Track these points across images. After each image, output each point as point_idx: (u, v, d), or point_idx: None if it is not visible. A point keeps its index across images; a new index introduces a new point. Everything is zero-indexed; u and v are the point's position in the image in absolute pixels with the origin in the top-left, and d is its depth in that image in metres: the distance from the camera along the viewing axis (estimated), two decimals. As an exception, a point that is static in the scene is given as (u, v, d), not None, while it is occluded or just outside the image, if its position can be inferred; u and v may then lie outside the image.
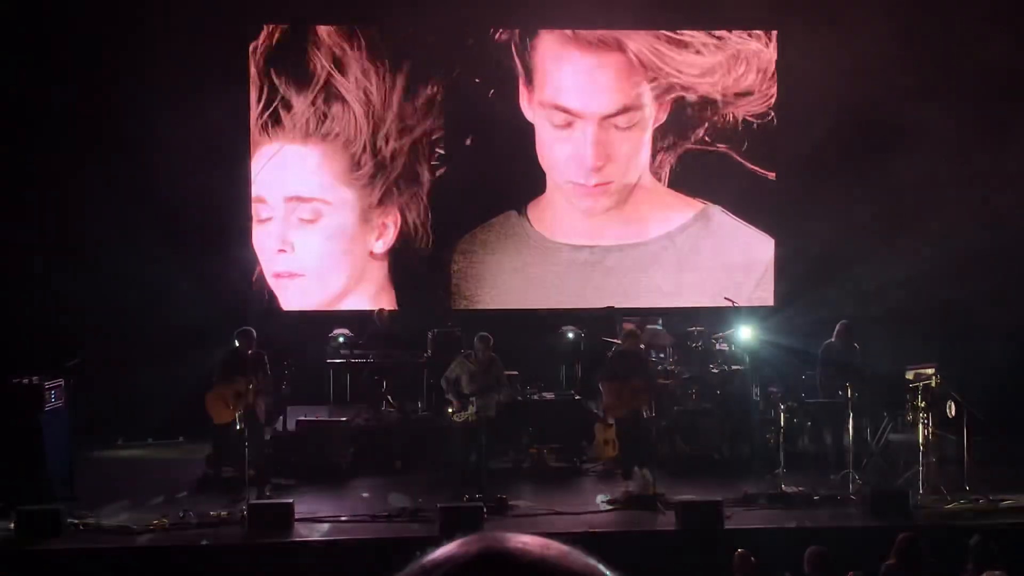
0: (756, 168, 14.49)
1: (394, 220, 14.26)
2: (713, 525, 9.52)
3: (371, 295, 14.27)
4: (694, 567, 8.72)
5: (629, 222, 14.61)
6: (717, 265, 14.71)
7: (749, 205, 14.63)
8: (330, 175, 14.10)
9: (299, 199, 14.09)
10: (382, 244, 14.31)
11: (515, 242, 14.52)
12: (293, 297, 14.19)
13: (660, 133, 14.50)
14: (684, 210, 14.67)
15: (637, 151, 14.49)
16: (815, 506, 10.20)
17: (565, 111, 14.30)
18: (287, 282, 14.16)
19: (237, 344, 10.89)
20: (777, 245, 14.64)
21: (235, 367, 10.69)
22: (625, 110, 14.35)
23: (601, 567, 1.09)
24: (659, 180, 14.60)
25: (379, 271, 14.36)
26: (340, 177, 14.11)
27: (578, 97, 14.34)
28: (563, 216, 14.54)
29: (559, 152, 14.39)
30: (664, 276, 14.67)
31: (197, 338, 12.56)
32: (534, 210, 14.51)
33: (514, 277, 14.55)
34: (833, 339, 11.68)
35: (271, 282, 14.12)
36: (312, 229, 14.14)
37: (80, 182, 13.26)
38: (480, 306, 14.42)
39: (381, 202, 14.21)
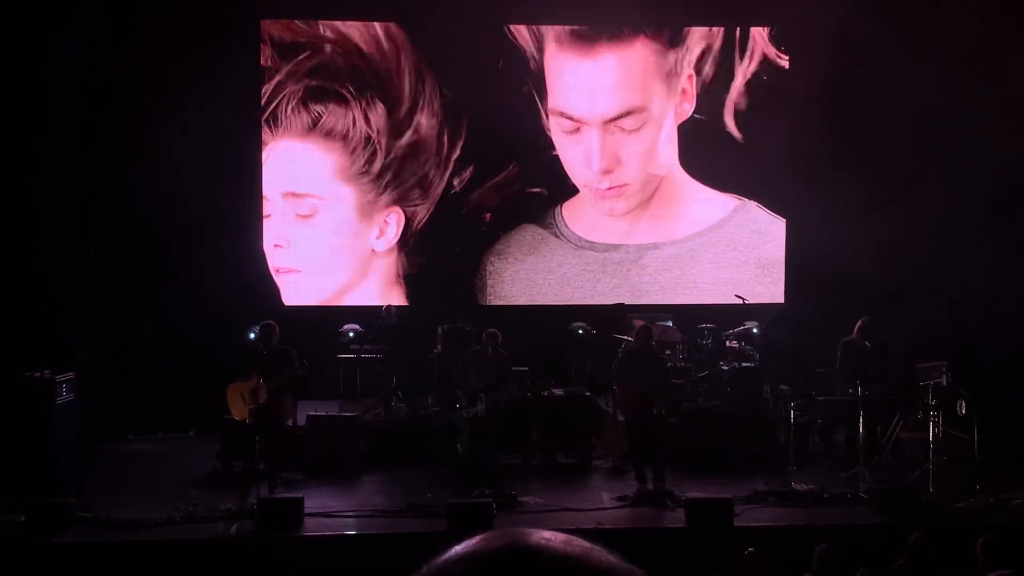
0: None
1: (397, 218, 14.25)
2: (723, 522, 9.52)
3: (378, 291, 14.28)
4: (703, 564, 8.71)
5: (661, 219, 14.63)
6: (752, 261, 14.73)
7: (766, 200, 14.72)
8: (328, 171, 14.10)
9: (294, 195, 14.12)
10: (383, 242, 14.29)
11: (550, 242, 14.56)
12: (292, 293, 14.20)
13: (689, 126, 14.49)
14: (719, 206, 14.68)
15: (651, 151, 14.46)
16: (824, 504, 10.18)
17: (569, 118, 14.34)
18: (286, 278, 14.19)
19: (258, 338, 10.84)
20: (788, 242, 14.67)
21: (254, 362, 10.64)
22: (628, 112, 14.33)
23: (624, 563, 1.10)
24: (693, 176, 14.58)
25: (385, 267, 14.36)
26: (339, 174, 14.11)
27: (578, 103, 14.36)
28: (594, 216, 14.60)
29: (572, 157, 14.45)
30: (700, 273, 14.70)
31: (208, 332, 12.61)
32: (568, 210, 14.56)
33: (548, 277, 14.59)
34: (853, 336, 11.50)
35: (274, 277, 14.16)
36: (308, 225, 14.16)
37: (91, 177, 13.32)
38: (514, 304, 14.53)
39: (383, 200, 14.20)
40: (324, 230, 14.21)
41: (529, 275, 14.60)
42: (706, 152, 14.48)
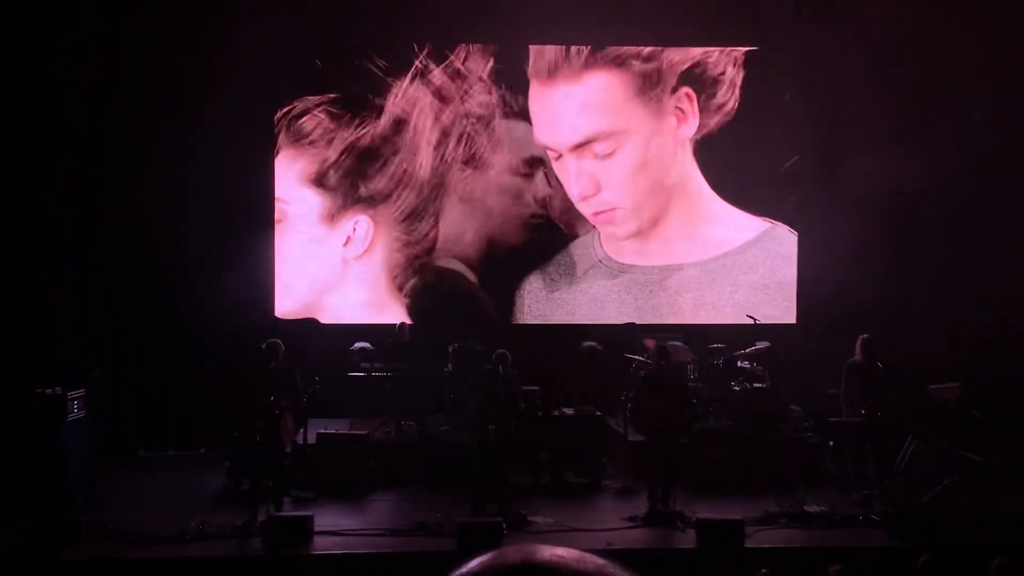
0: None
1: (366, 225, 14.15)
2: (734, 544, 9.46)
3: (370, 303, 14.20)
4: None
5: (679, 239, 14.56)
6: (772, 284, 14.64)
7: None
8: (295, 176, 14.06)
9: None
10: (352, 249, 14.21)
11: (586, 264, 14.57)
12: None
13: (703, 145, 14.46)
14: (748, 228, 14.63)
15: (637, 173, 14.34)
16: (836, 525, 10.12)
17: (545, 147, 14.34)
18: None
19: (265, 357, 10.83)
20: (800, 264, 14.61)
21: (262, 381, 10.62)
22: (595, 138, 14.26)
23: None
24: (721, 196, 14.55)
25: (368, 278, 14.24)
26: (305, 179, 14.07)
27: (544, 131, 14.36)
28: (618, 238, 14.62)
29: (565, 185, 14.41)
30: (719, 294, 14.63)
31: (219, 349, 12.63)
32: (604, 231, 14.53)
33: (580, 298, 14.58)
34: (856, 356, 11.43)
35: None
36: (277, 230, 14.09)
37: (103, 194, 13.37)
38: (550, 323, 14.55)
39: (345, 206, 14.13)
40: (290, 235, 14.12)
41: (564, 295, 14.56)
42: (723, 172, 14.43)
